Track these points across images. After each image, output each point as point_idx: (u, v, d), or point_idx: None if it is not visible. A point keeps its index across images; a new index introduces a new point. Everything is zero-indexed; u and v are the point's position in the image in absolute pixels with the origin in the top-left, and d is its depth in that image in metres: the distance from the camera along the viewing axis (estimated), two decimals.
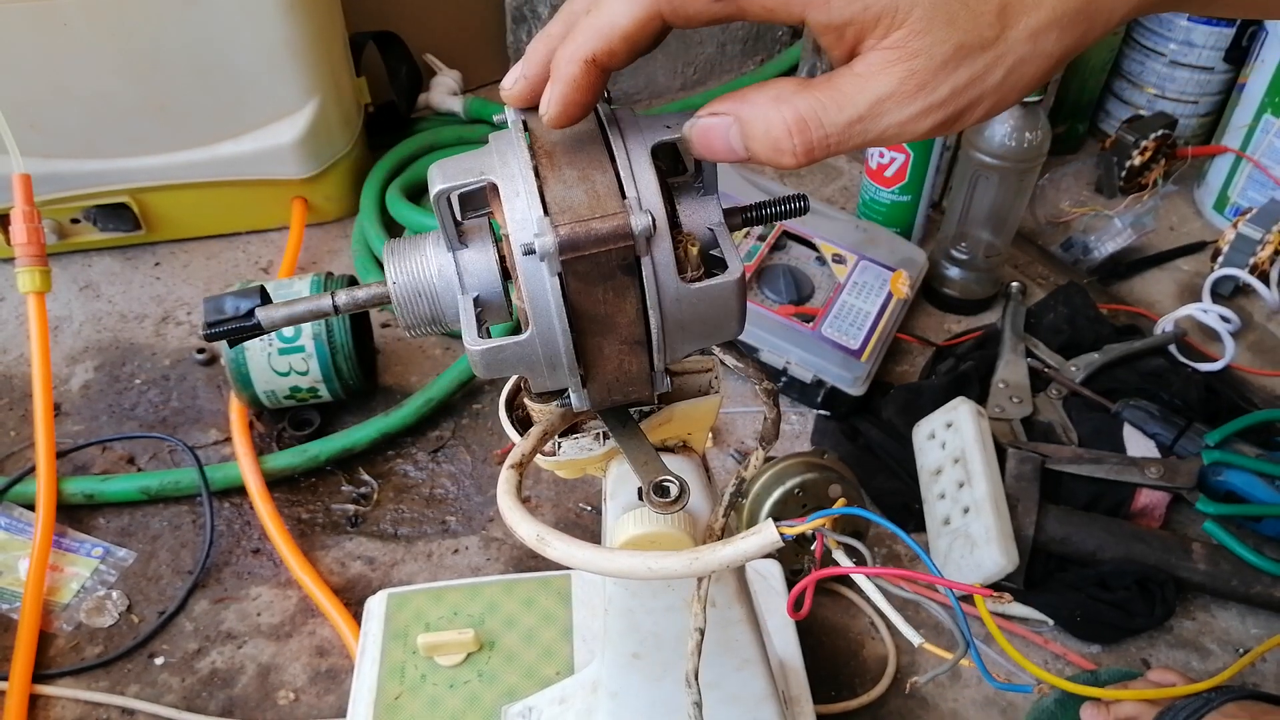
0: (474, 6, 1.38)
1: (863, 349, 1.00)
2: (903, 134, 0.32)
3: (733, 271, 0.34)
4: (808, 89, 0.32)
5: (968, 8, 0.30)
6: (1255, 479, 0.89)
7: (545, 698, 0.67)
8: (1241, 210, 1.19)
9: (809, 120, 0.32)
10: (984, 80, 0.31)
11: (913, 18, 0.30)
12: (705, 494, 0.46)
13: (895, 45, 0.30)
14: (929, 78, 0.31)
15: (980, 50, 0.31)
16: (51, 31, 0.99)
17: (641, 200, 0.33)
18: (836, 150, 0.32)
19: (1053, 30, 0.31)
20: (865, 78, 0.31)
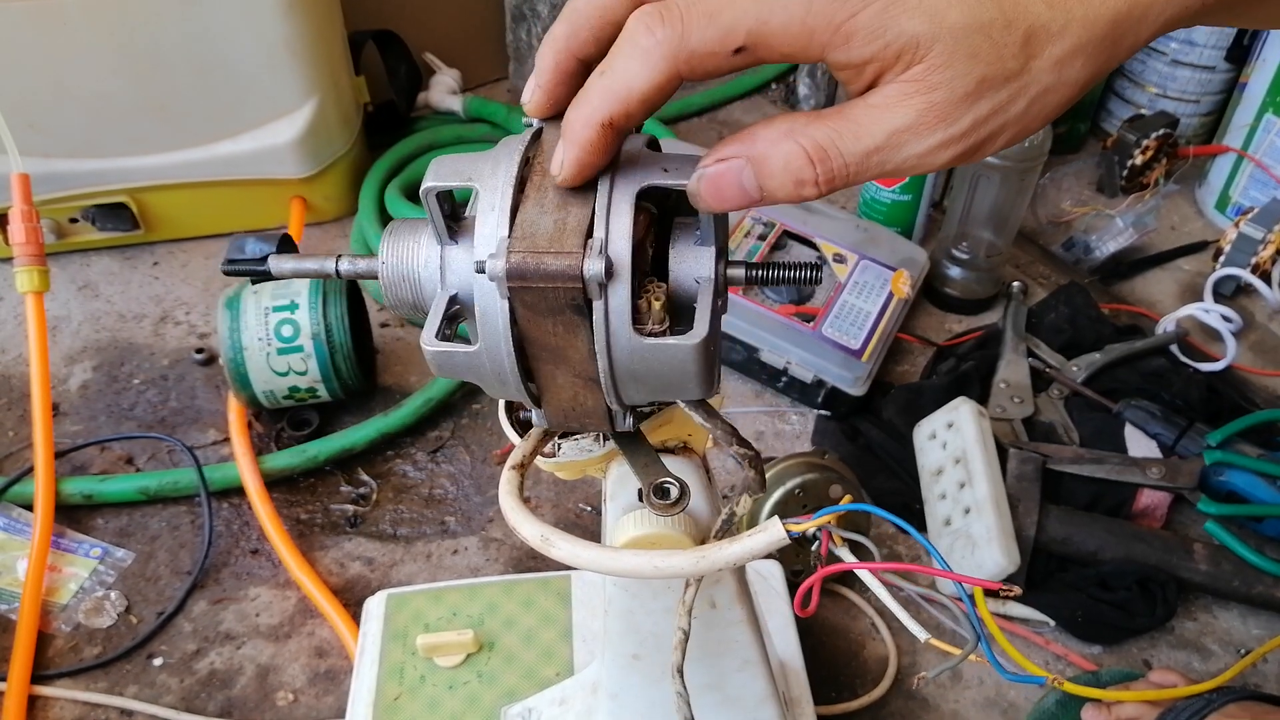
0: (473, 5, 1.38)
1: (863, 349, 0.99)
2: (921, 165, 0.31)
3: (693, 335, 0.33)
4: (820, 120, 0.31)
5: (991, 40, 0.29)
6: (1257, 479, 0.88)
7: (545, 699, 0.67)
8: (1243, 210, 1.19)
9: (828, 149, 0.31)
10: (1006, 111, 0.30)
11: (934, 52, 0.29)
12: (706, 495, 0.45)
13: (914, 79, 0.30)
14: (949, 110, 0.30)
15: (1004, 82, 0.30)
16: (50, 31, 0.99)
17: (608, 244, 0.32)
18: (854, 181, 0.32)
19: (1078, 58, 0.30)
20: (881, 109, 0.30)
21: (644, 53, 0.30)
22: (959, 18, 0.29)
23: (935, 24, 0.29)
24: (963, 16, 0.29)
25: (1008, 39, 0.29)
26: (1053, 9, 0.29)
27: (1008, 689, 0.81)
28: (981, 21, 0.29)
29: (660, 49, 0.30)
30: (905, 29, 0.29)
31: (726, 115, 1.43)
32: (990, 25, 0.29)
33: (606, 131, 0.31)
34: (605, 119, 0.31)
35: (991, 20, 0.29)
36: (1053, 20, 0.29)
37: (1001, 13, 0.29)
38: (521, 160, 0.34)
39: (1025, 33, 0.29)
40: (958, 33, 0.29)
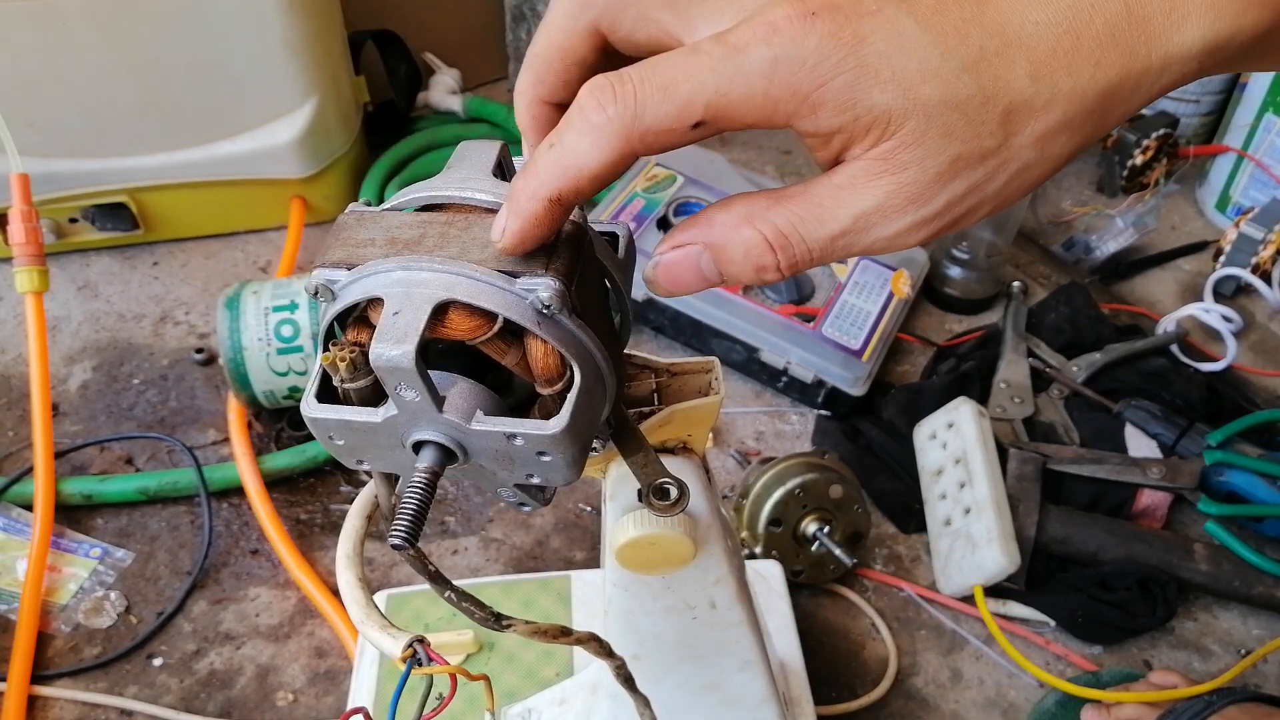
0: (473, 5, 1.38)
1: (863, 349, 0.99)
2: (891, 247, 0.29)
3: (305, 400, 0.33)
4: (780, 202, 0.29)
5: (967, 118, 0.27)
6: (1257, 479, 0.88)
7: (545, 699, 0.67)
8: (1243, 210, 1.19)
9: (789, 235, 0.29)
10: (983, 189, 0.28)
11: (905, 129, 0.27)
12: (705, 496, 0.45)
13: (882, 157, 0.28)
14: (920, 191, 0.28)
15: (980, 160, 0.28)
16: (50, 31, 0.99)
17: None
18: (820, 263, 0.30)
19: (1062, 134, 0.28)
20: (847, 190, 0.28)
21: (595, 130, 0.28)
22: (933, 93, 0.27)
23: (908, 99, 0.27)
24: (937, 92, 0.27)
25: (985, 116, 0.27)
26: (1036, 82, 0.27)
27: (1008, 689, 0.81)
28: (958, 98, 0.27)
29: (612, 126, 0.28)
30: (876, 102, 0.27)
31: None
32: (967, 102, 0.27)
33: (554, 207, 0.29)
34: (553, 195, 0.29)
35: (969, 97, 0.27)
36: (1036, 95, 0.27)
37: (980, 89, 0.27)
38: None
39: (1005, 109, 0.27)
40: (931, 109, 0.27)
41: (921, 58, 0.27)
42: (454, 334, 0.31)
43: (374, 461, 0.35)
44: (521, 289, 0.31)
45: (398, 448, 0.33)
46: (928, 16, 0.27)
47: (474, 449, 0.33)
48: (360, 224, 0.34)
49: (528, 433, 0.31)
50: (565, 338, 0.32)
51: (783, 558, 0.82)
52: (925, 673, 0.82)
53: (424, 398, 0.31)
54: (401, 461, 0.34)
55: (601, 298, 0.35)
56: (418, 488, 0.32)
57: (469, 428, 0.32)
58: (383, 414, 0.32)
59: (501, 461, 0.33)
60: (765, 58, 0.27)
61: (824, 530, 0.82)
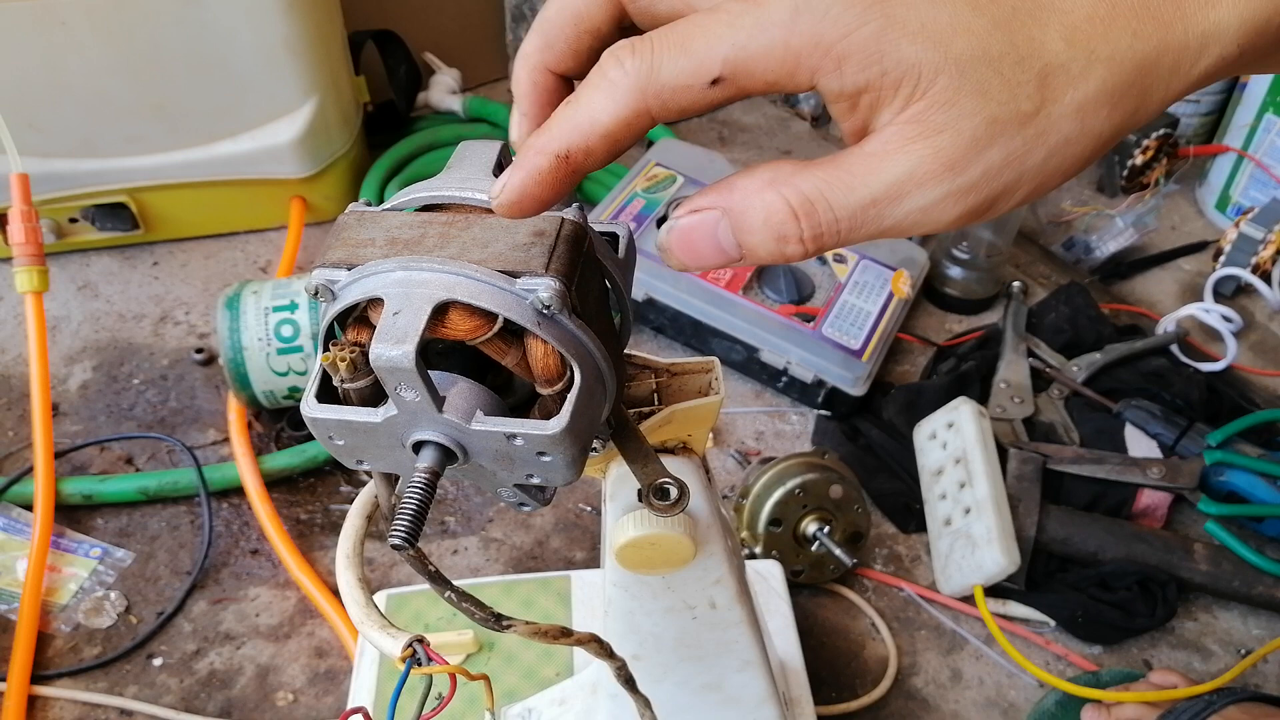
0: (473, 5, 1.38)
1: (863, 349, 0.99)
2: (926, 221, 0.27)
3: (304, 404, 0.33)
4: (809, 168, 0.27)
5: (1001, 76, 0.26)
6: (1257, 479, 0.88)
7: (545, 699, 0.67)
8: (1243, 210, 1.19)
9: (815, 202, 0.27)
10: (1022, 161, 0.27)
11: (937, 86, 0.26)
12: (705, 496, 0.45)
13: (916, 119, 0.26)
14: (957, 157, 0.26)
15: (1017, 125, 0.26)
16: (50, 31, 0.99)
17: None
18: (847, 240, 0.28)
19: (1103, 106, 0.26)
20: (880, 156, 0.27)
21: (611, 85, 0.27)
22: (965, 47, 0.25)
23: (939, 52, 0.25)
24: (969, 46, 0.25)
25: (1021, 76, 0.26)
26: (1072, 46, 0.26)
27: (1008, 689, 0.81)
28: (991, 53, 0.26)
29: (628, 80, 0.27)
30: (905, 55, 0.25)
31: (726, 115, 1.43)
32: (1001, 59, 0.26)
33: (560, 164, 0.28)
34: (562, 150, 0.28)
35: (1002, 54, 0.26)
36: (1072, 60, 0.26)
37: (1013, 47, 0.26)
38: None
39: (1041, 71, 0.26)
40: (964, 64, 0.25)
41: (952, 10, 0.25)
42: (454, 334, 0.31)
43: (374, 462, 0.35)
44: (521, 289, 0.31)
45: (398, 448, 0.33)
46: None
47: (474, 449, 0.33)
48: (360, 224, 0.34)
49: (527, 433, 0.31)
50: (565, 338, 0.32)
51: (783, 558, 0.82)
52: (925, 673, 0.82)
53: (424, 398, 0.31)
54: (401, 461, 0.34)
55: (601, 298, 0.35)
56: (417, 488, 0.32)
57: (469, 428, 0.32)
58: (382, 414, 0.32)
59: (501, 462, 0.33)
60: (786, 6, 0.26)
61: (824, 530, 0.82)
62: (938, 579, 0.86)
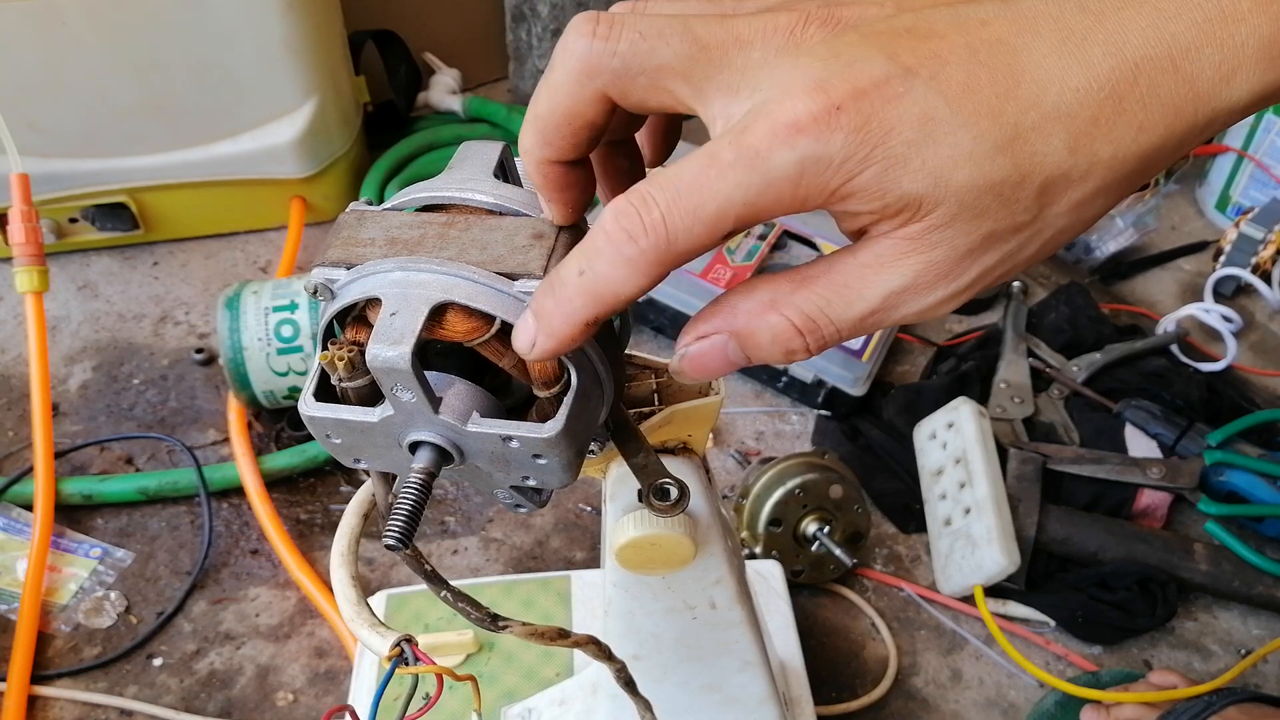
0: (473, 5, 1.38)
1: (864, 349, 0.99)
2: (923, 318, 0.29)
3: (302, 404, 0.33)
4: (806, 285, 0.29)
5: (1001, 199, 0.26)
6: (1257, 479, 0.88)
7: (545, 699, 0.67)
8: (1243, 210, 1.19)
9: (817, 320, 0.29)
10: (1015, 256, 0.28)
11: (936, 212, 0.26)
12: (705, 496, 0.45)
13: (912, 237, 0.27)
14: (951, 267, 0.27)
15: (1013, 234, 0.27)
16: (50, 31, 0.99)
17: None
18: (848, 339, 0.30)
19: (1098, 199, 0.27)
20: (874, 269, 0.28)
21: (628, 262, 0.27)
22: (966, 178, 0.26)
23: (939, 186, 0.26)
24: (970, 177, 0.26)
25: (1020, 194, 0.26)
26: (1075, 154, 0.26)
27: (1008, 689, 0.81)
28: (992, 181, 0.26)
29: (646, 258, 0.27)
30: (907, 190, 0.26)
31: None
32: (1002, 184, 0.26)
33: (589, 329, 0.29)
34: (590, 319, 0.29)
35: (1004, 179, 0.26)
36: (1074, 167, 0.26)
37: (1015, 168, 0.26)
38: None
39: (1041, 185, 0.26)
40: (964, 194, 0.26)
41: (953, 143, 0.26)
42: (451, 335, 0.31)
43: (371, 460, 0.35)
44: (519, 291, 0.31)
45: (394, 447, 0.33)
46: (958, 95, 0.26)
47: (470, 450, 0.33)
48: (360, 223, 0.34)
49: (523, 435, 0.31)
50: None
51: (783, 558, 0.82)
52: (925, 673, 0.82)
53: (420, 399, 0.31)
54: (399, 461, 0.34)
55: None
56: (413, 488, 0.32)
57: (465, 429, 0.32)
58: (379, 414, 0.32)
59: (497, 463, 0.33)
60: (790, 162, 0.26)
61: (824, 530, 0.82)
62: (938, 579, 0.86)
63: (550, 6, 1.31)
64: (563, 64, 0.29)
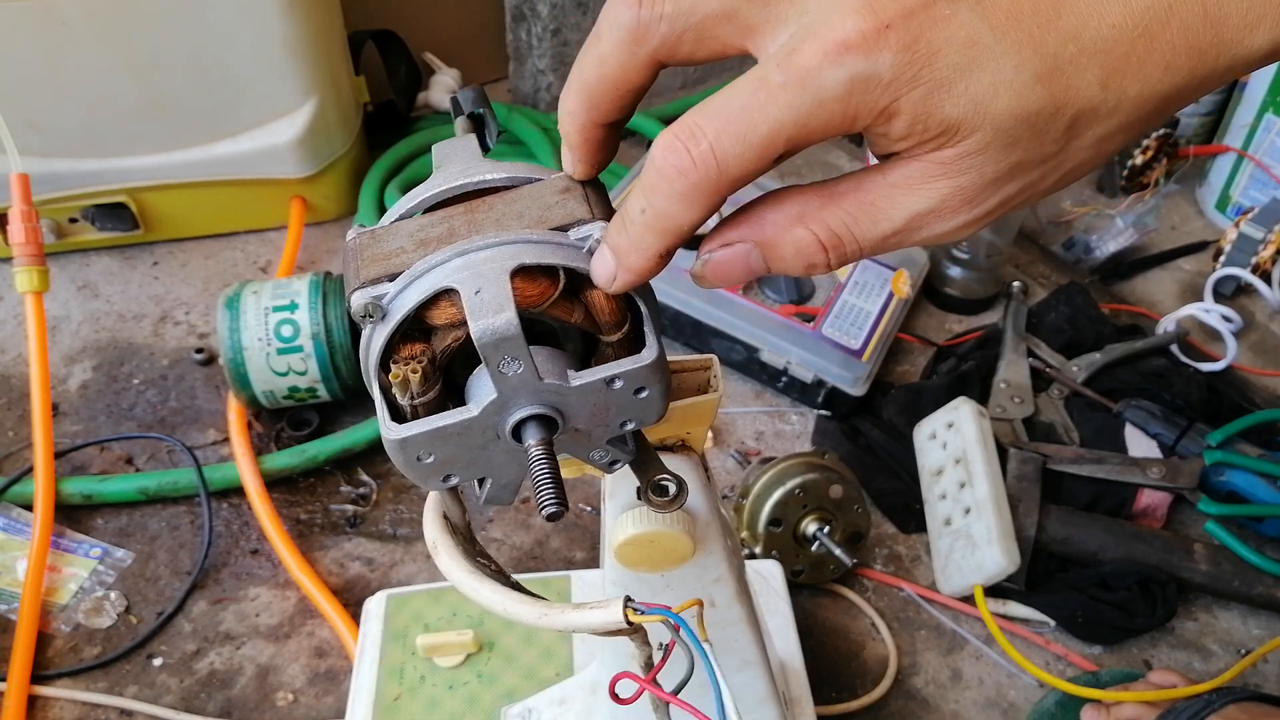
0: (473, 5, 1.38)
1: (864, 349, 0.99)
2: (941, 240, 0.30)
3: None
4: (834, 200, 0.29)
5: (1034, 129, 0.27)
6: (1257, 479, 0.88)
7: (545, 699, 0.67)
8: (1243, 210, 1.19)
9: (842, 235, 0.29)
10: (1035, 186, 0.29)
11: (971, 139, 0.27)
12: (704, 493, 0.45)
13: (943, 161, 0.27)
14: (976, 193, 0.28)
15: (1038, 164, 0.28)
16: (50, 31, 0.99)
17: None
18: (865, 257, 0.31)
19: (1119, 135, 0.28)
20: (903, 189, 0.28)
21: (682, 196, 0.28)
22: (1005, 107, 0.26)
23: (979, 112, 0.26)
24: (1009, 105, 0.26)
25: (1052, 126, 0.27)
26: (1106, 90, 0.27)
27: (1008, 689, 0.81)
28: (1029, 111, 0.26)
29: (699, 190, 0.28)
30: (948, 114, 0.26)
31: None
32: (1038, 115, 0.27)
33: (663, 260, 0.30)
34: (662, 250, 0.30)
35: (1040, 109, 0.26)
36: (1104, 102, 0.27)
37: (1051, 99, 0.26)
38: None
39: (1072, 118, 0.27)
40: (1001, 122, 0.26)
41: (995, 69, 0.26)
42: (527, 302, 0.31)
43: (464, 471, 0.34)
44: (577, 239, 0.31)
45: (490, 443, 0.33)
46: (1003, 22, 0.26)
47: (571, 411, 0.33)
48: (376, 241, 0.33)
49: (626, 370, 0.32)
50: None
51: (783, 558, 0.82)
52: (925, 673, 0.82)
53: (527, 367, 0.31)
54: (492, 458, 0.34)
55: None
56: (541, 458, 0.32)
57: (570, 386, 0.32)
58: (479, 405, 0.32)
59: (598, 416, 0.33)
60: (840, 80, 0.26)
61: (824, 530, 0.81)
62: (938, 579, 0.86)
63: (550, 6, 1.31)
64: (611, 34, 0.29)
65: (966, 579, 0.83)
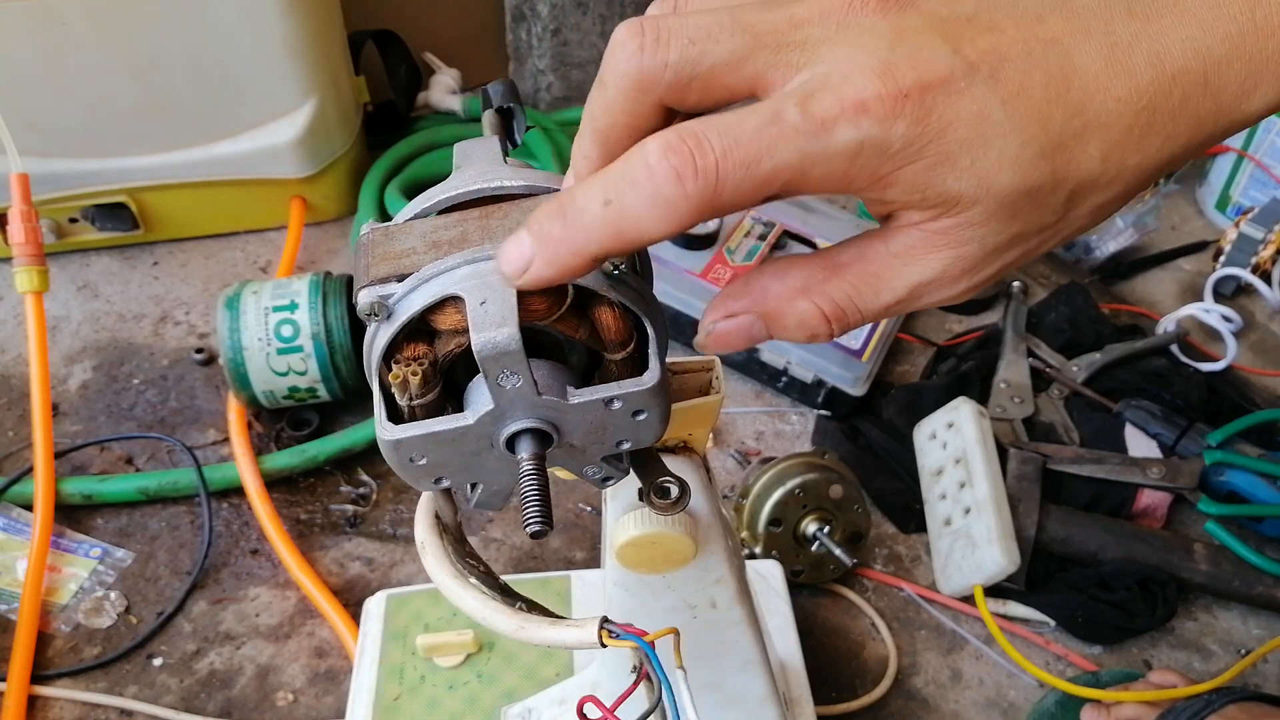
0: (473, 5, 1.38)
1: (863, 349, 0.99)
2: (941, 304, 0.30)
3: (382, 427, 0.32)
4: (838, 272, 0.29)
5: (1035, 202, 0.27)
6: (1257, 479, 0.88)
7: (545, 699, 0.67)
8: (1243, 210, 1.19)
9: (845, 307, 0.29)
10: (1034, 251, 0.29)
11: (973, 211, 0.27)
12: (706, 495, 0.45)
13: (944, 231, 0.27)
14: (977, 262, 0.28)
15: (1037, 232, 0.28)
16: (50, 30, 0.99)
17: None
18: (869, 323, 0.31)
19: (1117, 201, 0.28)
20: (904, 259, 0.28)
21: (667, 203, 0.26)
22: (1009, 181, 0.26)
23: (982, 186, 0.26)
24: (1013, 180, 0.26)
25: (1053, 199, 0.27)
26: (1107, 162, 0.27)
27: (1008, 689, 0.81)
28: (1031, 185, 0.26)
29: (689, 203, 0.26)
30: (949, 187, 0.26)
31: None
32: (1039, 189, 0.27)
33: (594, 264, 0.28)
34: (602, 254, 0.27)
35: (1041, 183, 0.26)
36: (1104, 174, 0.27)
37: (1054, 174, 0.27)
38: None
39: (1072, 190, 0.27)
40: (1003, 196, 0.27)
41: (1001, 145, 0.26)
42: (532, 315, 0.31)
43: (455, 475, 0.34)
44: None
45: (484, 451, 0.33)
46: (1013, 97, 0.26)
47: (568, 427, 0.33)
48: (389, 239, 0.33)
49: (626, 392, 0.32)
50: (633, 295, 0.32)
51: (783, 558, 0.82)
52: (925, 673, 0.82)
53: (525, 381, 0.30)
54: (485, 466, 0.34)
55: (642, 257, 0.36)
56: (531, 474, 0.32)
57: (568, 404, 0.31)
58: (474, 415, 0.32)
59: (594, 434, 0.33)
60: (851, 140, 0.26)
61: (824, 530, 0.82)
62: (938, 579, 0.86)
63: (550, 6, 1.31)
64: (614, 82, 0.28)
65: (966, 579, 0.83)
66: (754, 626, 0.51)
